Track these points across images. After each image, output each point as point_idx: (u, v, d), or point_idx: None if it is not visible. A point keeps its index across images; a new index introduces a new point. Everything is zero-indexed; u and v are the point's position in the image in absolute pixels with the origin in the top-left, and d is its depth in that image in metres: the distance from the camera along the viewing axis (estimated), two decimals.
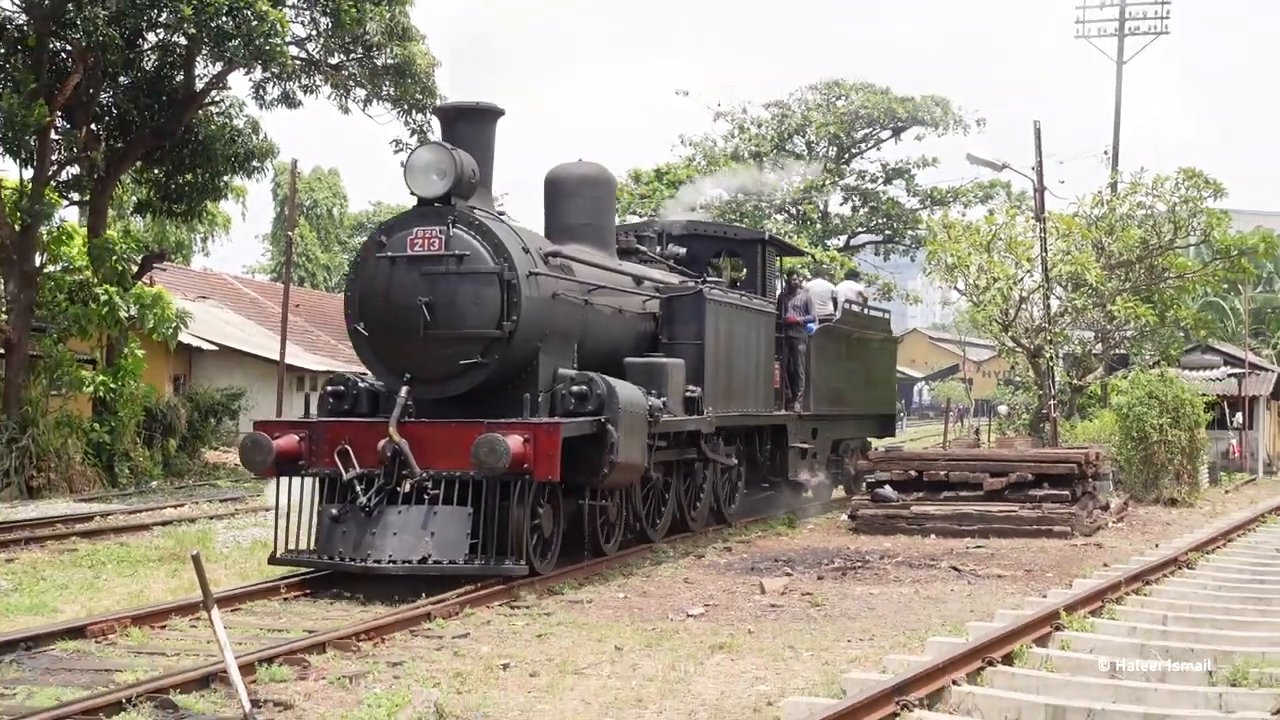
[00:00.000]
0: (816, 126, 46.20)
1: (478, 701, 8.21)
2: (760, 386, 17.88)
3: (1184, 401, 24.05)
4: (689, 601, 12.25)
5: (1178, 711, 7.56)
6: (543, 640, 10.34)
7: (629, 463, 13.12)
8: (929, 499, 18.67)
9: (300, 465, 12.80)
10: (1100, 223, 30.77)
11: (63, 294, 26.05)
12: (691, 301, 15.92)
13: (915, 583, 13.65)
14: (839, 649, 10.04)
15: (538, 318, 13.18)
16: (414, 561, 11.87)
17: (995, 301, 28.69)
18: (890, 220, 47.85)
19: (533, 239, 13.91)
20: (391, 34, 26.55)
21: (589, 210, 15.89)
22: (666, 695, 8.49)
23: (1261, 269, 41.12)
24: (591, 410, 12.91)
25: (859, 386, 22.71)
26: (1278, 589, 12.66)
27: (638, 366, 14.65)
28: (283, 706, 7.98)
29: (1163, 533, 18.42)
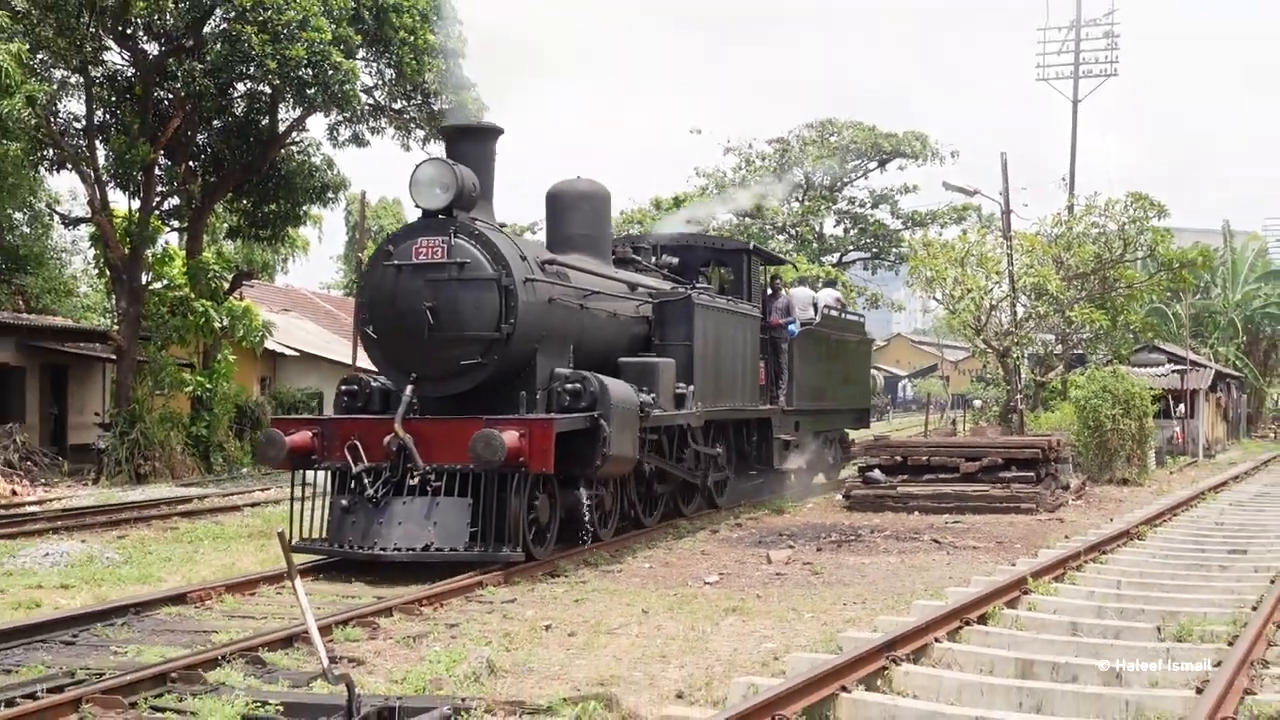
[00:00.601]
0: (812, 159, 46.16)
1: (524, 658, 8.22)
2: (746, 383, 17.34)
3: (1134, 394, 24.01)
4: (706, 571, 12.24)
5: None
6: (579, 604, 10.35)
7: (621, 455, 12.63)
8: (913, 481, 18.66)
9: (314, 460, 12.37)
10: (1059, 240, 30.80)
11: (165, 308, 26.24)
12: (681, 306, 15.44)
13: (901, 553, 13.61)
14: (836, 611, 10.02)
15: (534, 321, 12.62)
16: (417, 549, 11.37)
17: (969, 309, 28.73)
18: (877, 240, 47.86)
19: (530, 248, 13.42)
20: (446, 83, 26.61)
21: (587, 222, 15.32)
22: (687, 652, 8.48)
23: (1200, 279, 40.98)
24: (585, 406, 12.39)
25: (837, 384, 22.15)
26: (1217, 556, 12.61)
27: (631, 366, 14.10)
28: (356, 662, 7.99)
29: (1116, 509, 18.34)
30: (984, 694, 6.93)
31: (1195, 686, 6.87)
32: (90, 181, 24.64)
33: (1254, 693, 6.85)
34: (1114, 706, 6.65)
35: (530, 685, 7.47)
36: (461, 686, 7.32)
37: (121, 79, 25.67)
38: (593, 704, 6.72)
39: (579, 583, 11.42)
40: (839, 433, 23.15)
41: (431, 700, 6.86)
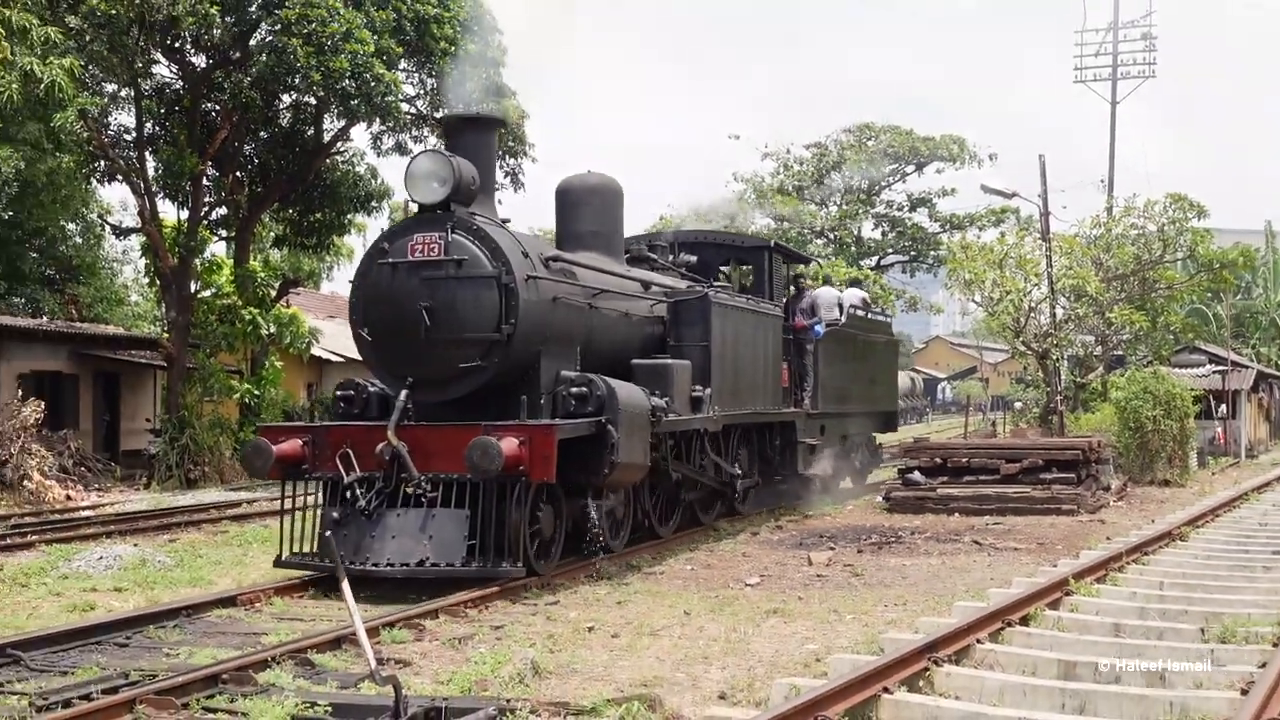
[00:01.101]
0: (850, 163, 45.98)
1: (568, 659, 8.23)
2: (768, 386, 16.44)
3: (1175, 395, 23.75)
4: (747, 572, 12.21)
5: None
6: (622, 606, 10.35)
7: (631, 462, 11.78)
8: (953, 482, 18.55)
9: (304, 469, 11.53)
10: (1098, 242, 30.52)
11: (214, 315, 26.50)
12: (697, 305, 14.50)
13: (942, 555, 13.53)
14: (877, 612, 9.98)
15: (537, 321, 11.82)
16: (411, 564, 10.53)
17: (1008, 311, 28.49)
18: (915, 243, 47.56)
19: (534, 244, 12.66)
20: (487, 92, 26.71)
21: (597, 218, 14.40)
22: (729, 653, 8.47)
23: (1240, 280, 40.51)
24: (592, 411, 11.56)
25: (863, 386, 21.08)
26: (1260, 558, 12.44)
27: (644, 368, 13.24)
28: (403, 664, 8.03)
29: (1158, 510, 18.15)
30: (1026, 695, 6.88)
31: (1240, 688, 6.78)
32: (140, 192, 24.91)
33: None
34: (1158, 708, 6.58)
35: (574, 686, 7.48)
36: (506, 688, 7.34)
37: (170, 92, 25.95)
38: (636, 705, 6.72)
39: (621, 584, 11.42)
40: (866, 436, 22.18)
41: (477, 701, 6.88)
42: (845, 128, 47.29)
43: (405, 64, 25.85)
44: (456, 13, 25.28)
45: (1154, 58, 41.87)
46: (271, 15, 23.50)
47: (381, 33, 23.45)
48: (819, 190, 45.23)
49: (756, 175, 46.34)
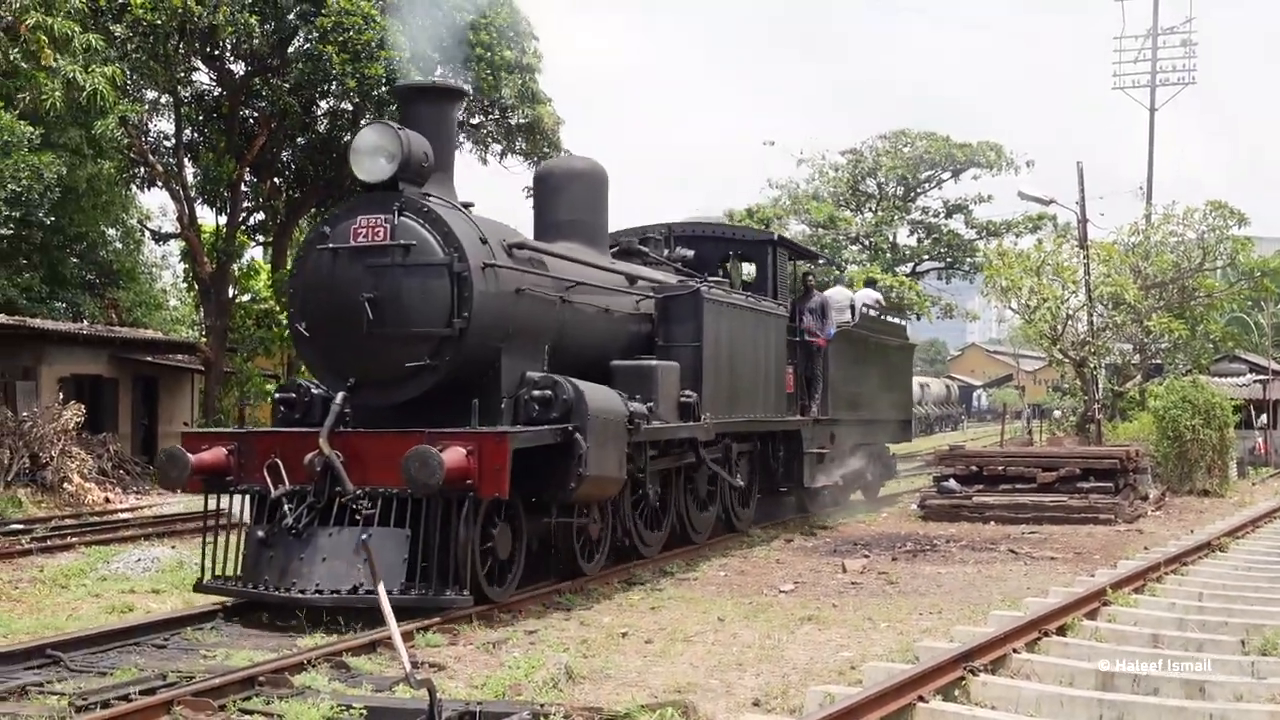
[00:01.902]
0: (886, 170, 45.84)
1: (601, 664, 8.22)
2: (771, 391, 14.96)
3: (1214, 404, 23.50)
4: (781, 579, 12.17)
5: (1215, 677, 7.36)
6: (656, 612, 10.33)
7: (602, 475, 10.45)
8: (988, 491, 18.43)
9: (229, 481, 10.13)
10: (1137, 249, 30.30)
11: (251, 320, 26.73)
12: (688, 301, 13.04)
13: (978, 563, 13.45)
14: (912, 621, 9.92)
15: (496, 315, 10.39)
16: (343, 591, 9.14)
17: (1045, 319, 28.30)
18: (951, 249, 47.34)
19: (496, 229, 11.01)
20: (523, 98, 26.84)
21: (579, 206, 12.99)
22: (763, 660, 8.44)
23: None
24: (557, 417, 10.21)
25: (876, 391, 19.52)
26: None
27: (625, 370, 11.98)
28: (437, 667, 8.05)
29: (1197, 520, 17.97)
30: (1063, 705, 6.82)
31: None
32: (179, 198, 25.20)
33: None
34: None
35: (608, 692, 7.48)
36: (540, 692, 7.35)
37: (209, 99, 26.25)
38: (670, 711, 6.71)
39: (655, 590, 11.40)
40: (879, 446, 20.52)
41: (511, 706, 6.89)
42: (881, 134, 47.20)
43: (441, 70, 25.98)
44: (493, 19, 25.43)
45: (1194, 64, 41.51)
46: (308, 24, 23.74)
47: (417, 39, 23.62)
48: (854, 197, 45.08)
49: (791, 182, 46.29)
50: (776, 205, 43.52)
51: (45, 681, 7.51)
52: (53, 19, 16.39)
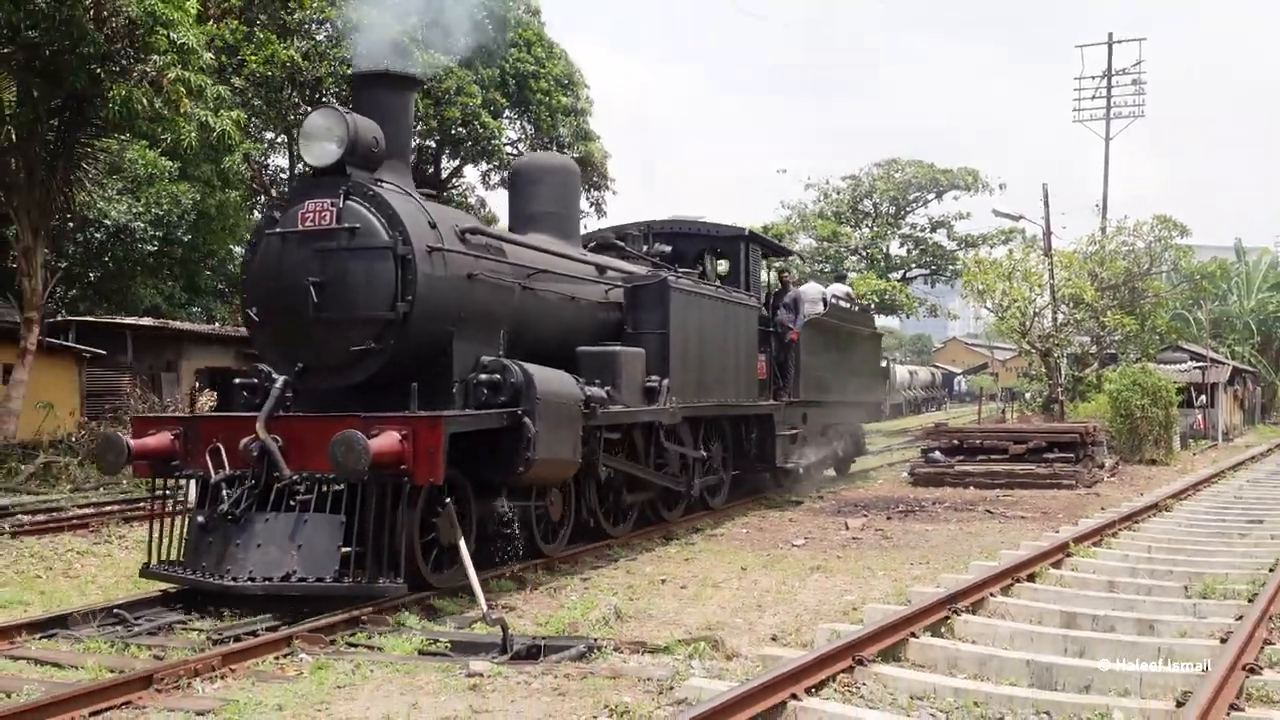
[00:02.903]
0: (880, 192, 45.57)
1: (644, 606, 8.24)
2: (741, 377, 13.50)
3: (1160, 387, 23.26)
4: (793, 535, 12.15)
5: (1162, 617, 7.29)
6: (689, 563, 10.33)
7: (554, 458, 9.03)
8: (968, 461, 18.32)
9: (175, 465, 8.62)
10: (1094, 256, 30.07)
11: None
12: (655, 290, 11.69)
13: (960, 522, 13.36)
14: (904, 570, 9.87)
15: (444, 299, 8.87)
16: (275, 579, 7.66)
17: (1015, 316, 28.10)
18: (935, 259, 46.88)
19: (448, 215, 9.57)
20: (577, 135, 26.84)
21: (552, 199, 11.76)
22: (779, 602, 8.43)
23: (1218, 289, 39.70)
24: (505, 401, 8.80)
25: (846, 376, 17.91)
26: (1236, 526, 12.14)
27: (589, 356, 10.61)
28: (508, 609, 8.09)
29: (1146, 485, 17.77)
30: (1033, 641, 6.77)
31: (1220, 637, 6.63)
32: None
33: (1272, 643, 6.59)
34: (1148, 653, 6.44)
35: (650, 628, 7.49)
36: (594, 629, 7.37)
37: None
38: (702, 644, 6.72)
39: (688, 544, 11.40)
40: (850, 426, 18.85)
41: (570, 640, 6.92)
42: (876, 162, 46.93)
43: (509, 113, 26.06)
44: (551, 69, 25.45)
45: (1143, 100, 40.97)
46: None
47: (488, 87, 23.67)
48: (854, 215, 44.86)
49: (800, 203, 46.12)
50: (788, 223, 43.36)
51: (187, 619, 7.60)
52: (189, 73, 16.55)
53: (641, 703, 5.57)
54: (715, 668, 6.28)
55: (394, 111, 9.38)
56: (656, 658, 6.53)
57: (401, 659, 6.59)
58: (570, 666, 6.34)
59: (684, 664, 6.34)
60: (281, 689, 5.96)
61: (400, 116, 9.48)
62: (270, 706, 5.64)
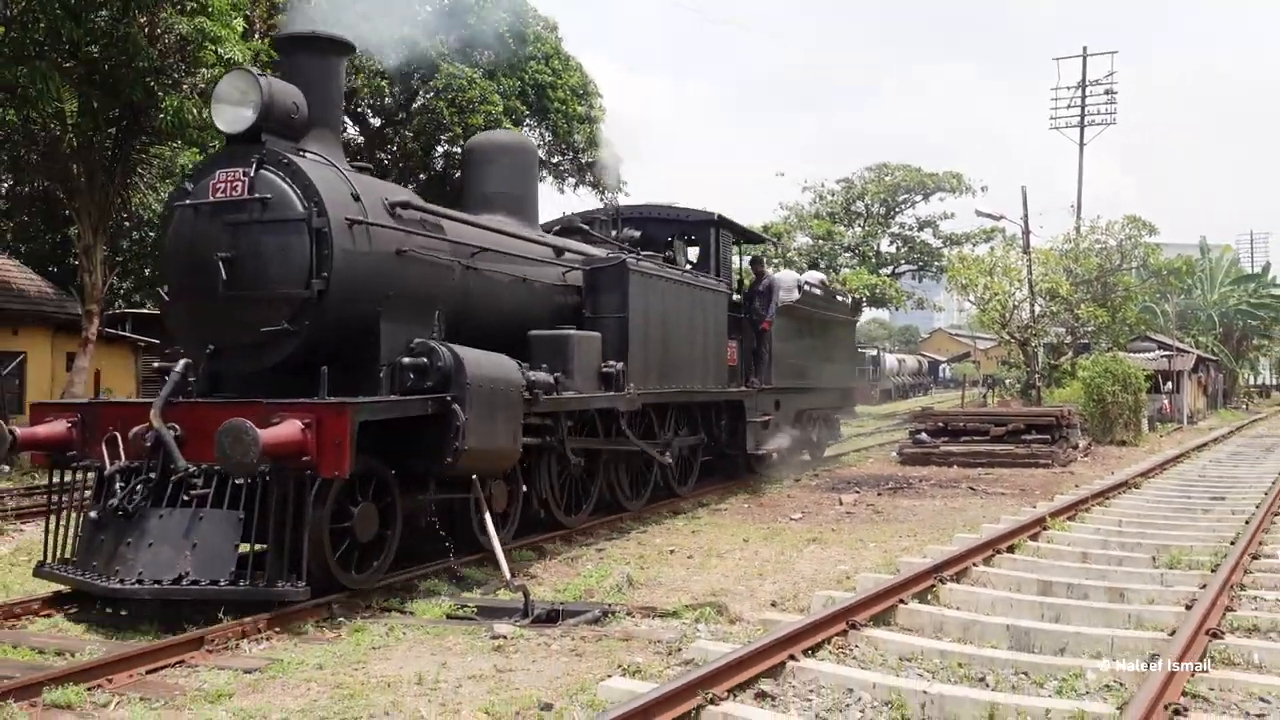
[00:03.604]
0: (871, 194, 45.41)
1: (654, 574, 8.24)
2: (709, 363, 12.34)
3: (1130, 374, 23.17)
4: (791, 509, 12.13)
5: (1132, 585, 7.26)
6: (695, 535, 10.33)
7: (487, 448, 7.72)
8: (952, 442, 18.27)
9: (71, 455, 7.35)
10: (1069, 254, 29.94)
11: None
12: (615, 273, 10.49)
13: (944, 498, 13.33)
14: (894, 542, 9.86)
15: (368, 276, 7.56)
16: (165, 582, 6.42)
17: (995, 309, 28.02)
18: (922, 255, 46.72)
19: (377, 187, 8.14)
20: (590, 142, 26.79)
21: (507, 179, 10.47)
22: (778, 571, 8.43)
23: (1184, 283, 39.50)
24: (432, 386, 7.54)
25: (820, 362, 16.78)
26: (1200, 502, 12.08)
27: (541, 340, 9.46)
28: (530, 576, 8.10)
29: (1116, 464, 17.70)
30: (1013, 607, 6.76)
31: (1185, 604, 6.61)
32: None
33: (1234, 609, 6.57)
34: (1119, 618, 6.43)
35: (660, 594, 7.49)
36: (608, 595, 7.38)
37: (353, 145, 26.38)
38: (708, 609, 6.72)
39: (694, 518, 11.40)
40: (823, 412, 17.58)
41: (586, 605, 6.93)
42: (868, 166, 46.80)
43: (529, 120, 26.00)
44: (567, 79, 25.41)
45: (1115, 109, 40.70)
46: (426, 85, 23.83)
47: (509, 96, 23.64)
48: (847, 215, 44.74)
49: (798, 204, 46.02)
50: (785, 222, 43.27)
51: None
52: None
53: (652, 662, 5.57)
54: (720, 631, 6.28)
55: (320, 77, 8.03)
56: (666, 621, 6.54)
57: (431, 622, 6.61)
58: (586, 629, 6.35)
59: (691, 627, 6.34)
60: (321, 649, 5.99)
61: (327, 83, 8.10)
62: (311, 665, 5.66)
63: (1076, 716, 4.57)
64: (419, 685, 5.28)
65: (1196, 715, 4.64)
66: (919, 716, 4.78)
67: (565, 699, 4.97)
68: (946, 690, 4.90)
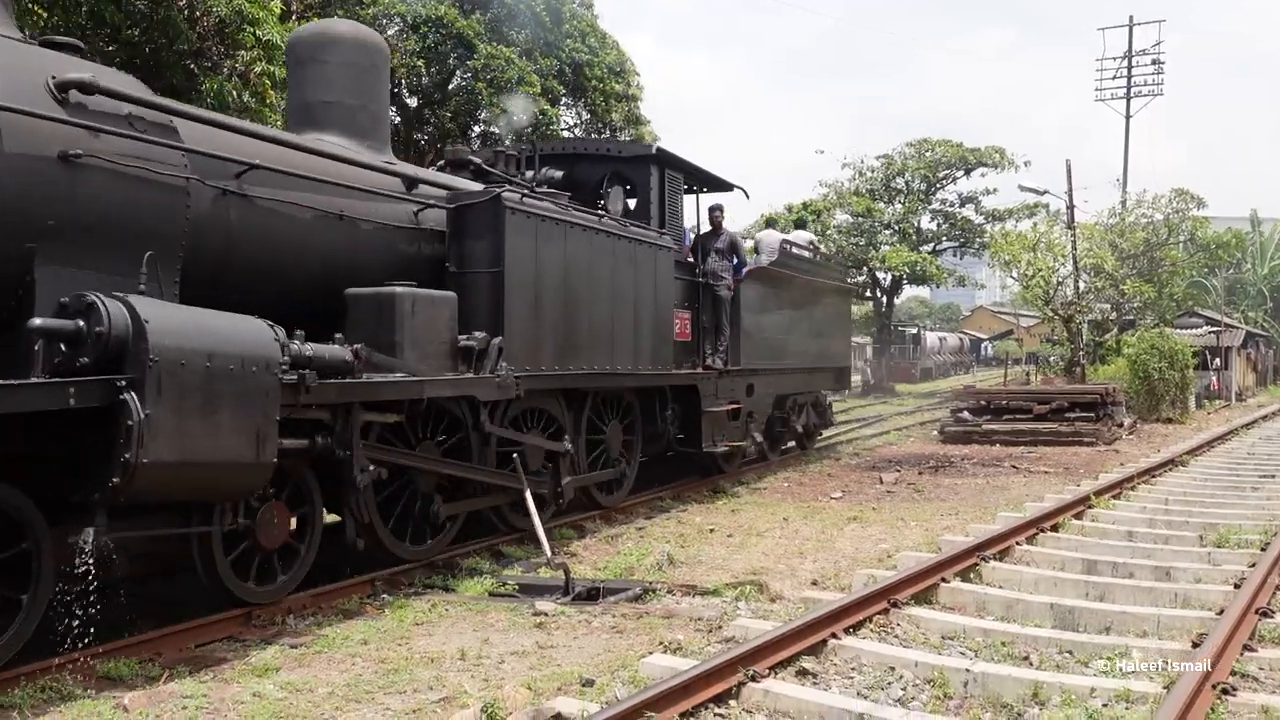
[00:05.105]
0: (912, 170, 44.94)
1: (694, 553, 8.26)
2: (647, 338, 9.76)
3: (1177, 351, 22.80)
4: (831, 488, 12.10)
5: (1179, 564, 7.17)
6: (735, 514, 10.33)
7: (197, 460, 5.04)
8: (995, 420, 18.12)
9: None
10: (1114, 228, 29.49)
11: None
12: (486, 212, 7.70)
13: (987, 476, 13.22)
14: (935, 520, 9.80)
15: (12, 193, 4.95)
16: None
17: (1039, 285, 27.66)
18: (964, 232, 46.15)
19: (33, 58, 5.33)
20: (628, 120, 26.72)
21: (343, 86, 7.62)
22: (819, 549, 8.41)
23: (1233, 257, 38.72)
24: (89, 364, 4.88)
25: (806, 337, 13.92)
26: (1249, 480, 11.90)
27: (359, 301, 6.91)
28: (570, 554, 8.15)
29: (1163, 442, 17.45)
30: (1056, 586, 6.71)
31: (1233, 583, 6.52)
32: None
33: None
34: (1165, 597, 6.36)
35: (700, 573, 7.51)
36: (649, 573, 7.41)
37: (392, 126, 26.58)
38: (748, 587, 6.73)
39: (734, 497, 11.39)
40: (811, 396, 14.86)
41: (627, 583, 6.97)
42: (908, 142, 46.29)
43: (566, 99, 25.98)
44: (604, 58, 25.35)
45: (1162, 79, 39.91)
46: (464, 65, 23.88)
47: (546, 76, 23.64)
48: (887, 192, 44.33)
49: (837, 181, 45.64)
50: (825, 200, 42.96)
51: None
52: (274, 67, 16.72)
53: (693, 640, 5.60)
54: (760, 609, 6.29)
55: None
56: (706, 599, 6.56)
57: (474, 599, 6.68)
58: (627, 607, 6.39)
59: (731, 605, 6.36)
60: (365, 625, 6.08)
61: None
62: (356, 640, 5.75)
63: (1122, 695, 4.54)
64: (462, 660, 5.35)
65: (1245, 695, 4.58)
66: (961, 695, 4.76)
67: (607, 675, 5.01)
68: (990, 669, 4.88)
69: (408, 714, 4.60)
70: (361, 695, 4.84)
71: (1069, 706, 4.48)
